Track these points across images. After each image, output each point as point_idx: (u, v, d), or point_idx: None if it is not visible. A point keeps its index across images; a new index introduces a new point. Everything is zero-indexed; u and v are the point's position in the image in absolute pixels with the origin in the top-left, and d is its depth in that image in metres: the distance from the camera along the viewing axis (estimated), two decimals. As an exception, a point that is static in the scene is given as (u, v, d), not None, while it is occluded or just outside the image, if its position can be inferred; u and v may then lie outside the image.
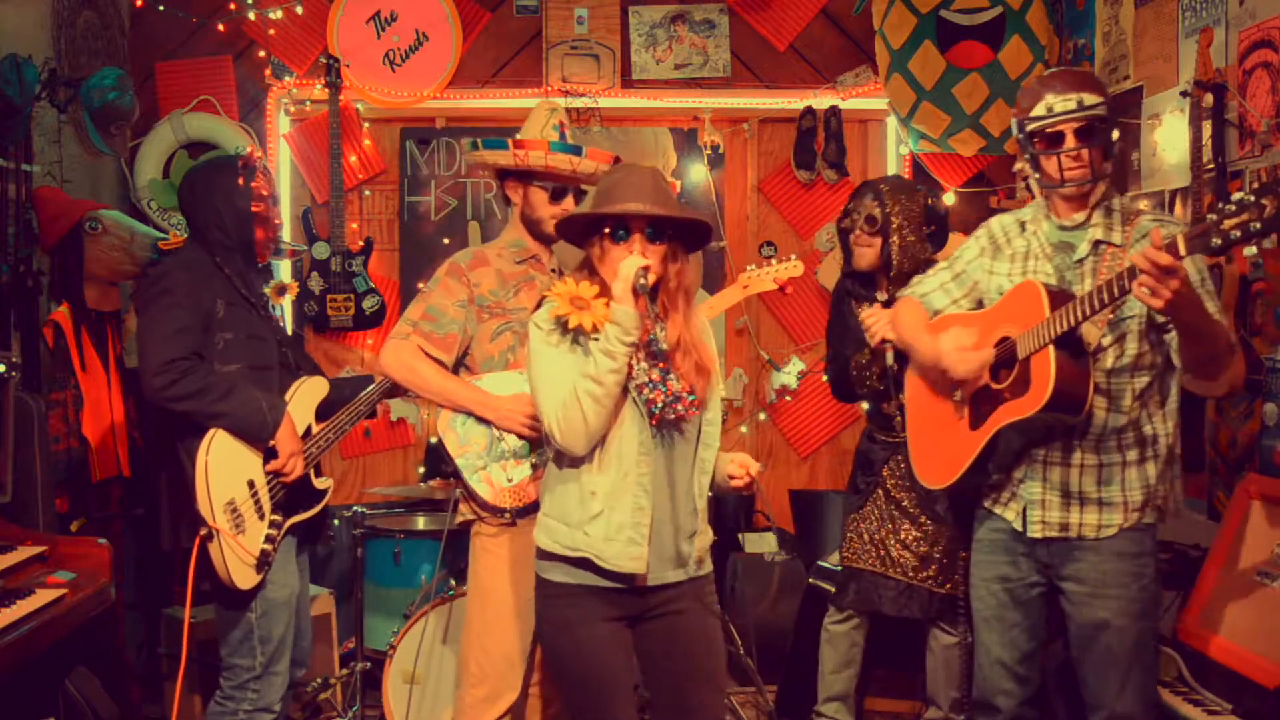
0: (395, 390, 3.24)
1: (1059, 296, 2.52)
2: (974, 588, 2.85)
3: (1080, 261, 2.64)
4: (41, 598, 2.71)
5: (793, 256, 3.62)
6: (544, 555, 2.54)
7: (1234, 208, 2.09)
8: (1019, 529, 2.71)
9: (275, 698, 2.99)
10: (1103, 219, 2.64)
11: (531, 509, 2.98)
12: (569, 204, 3.09)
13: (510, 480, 3.00)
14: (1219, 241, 2.11)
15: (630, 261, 2.43)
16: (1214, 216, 2.12)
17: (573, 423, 2.41)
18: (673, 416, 2.47)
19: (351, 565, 4.01)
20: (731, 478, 2.51)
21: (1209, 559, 3.04)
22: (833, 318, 3.78)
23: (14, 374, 3.13)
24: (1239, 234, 2.08)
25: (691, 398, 2.48)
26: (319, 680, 3.84)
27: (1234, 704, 2.75)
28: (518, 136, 3.13)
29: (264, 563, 2.91)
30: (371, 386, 3.21)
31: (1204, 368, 2.53)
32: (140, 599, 4.11)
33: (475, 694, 3.01)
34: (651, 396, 2.45)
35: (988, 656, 2.81)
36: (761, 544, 4.09)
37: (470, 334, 3.06)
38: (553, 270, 3.16)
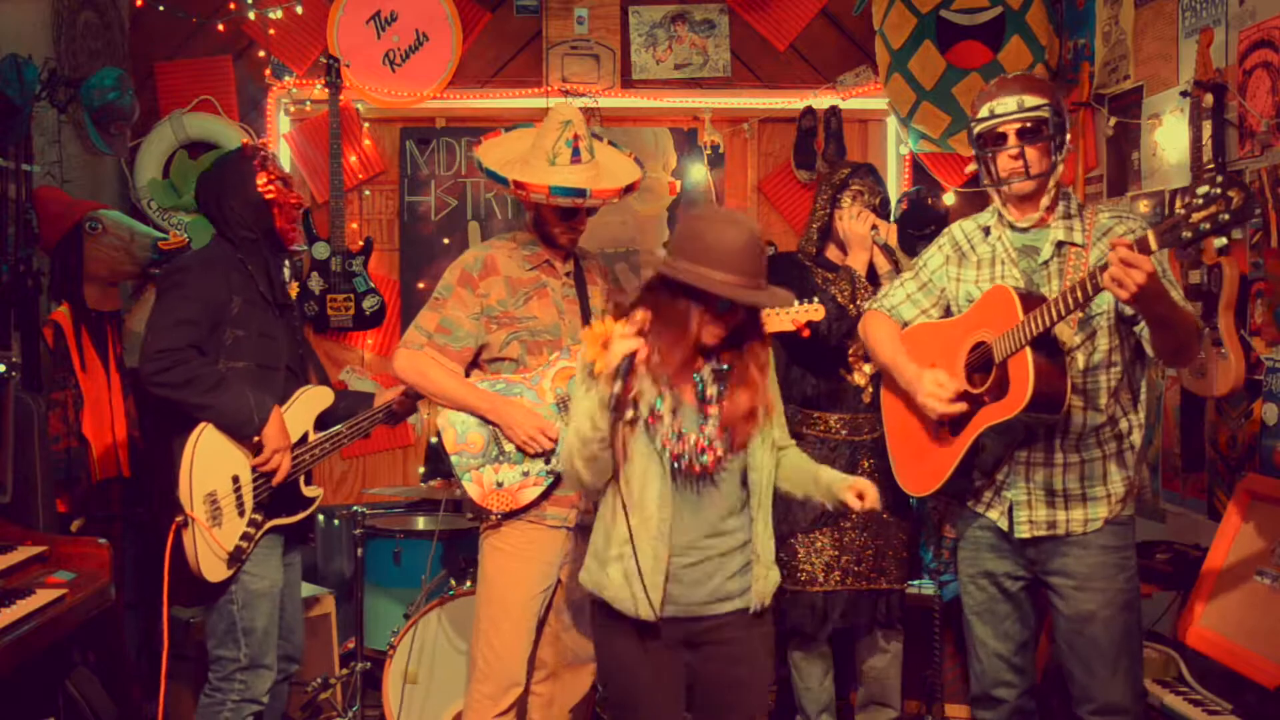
0: (396, 415, 3.28)
1: (1030, 299, 2.56)
2: (963, 585, 2.88)
3: (1046, 264, 2.69)
4: (41, 598, 2.71)
5: (815, 299, 3.36)
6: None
7: (1201, 201, 2.14)
8: (1004, 529, 2.74)
9: (262, 690, 3.05)
10: (1063, 220, 2.70)
11: (518, 514, 3.01)
12: (579, 222, 3.06)
13: (500, 484, 3.00)
14: (1189, 234, 2.16)
15: (620, 346, 2.33)
16: (1183, 210, 2.17)
17: (570, 471, 2.48)
18: (697, 469, 2.44)
19: (352, 565, 4.01)
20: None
21: (1209, 559, 3.04)
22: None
23: (14, 374, 3.14)
24: (1208, 226, 2.14)
25: (723, 447, 2.44)
26: (319, 680, 3.84)
27: (1234, 704, 2.75)
28: (525, 160, 3.02)
29: (236, 559, 2.97)
30: (376, 410, 3.25)
31: (1175, 356, 2.58)
32: (140, 599, 4.11)
33: (481, 690, 3.04)
34: (675, 450, 2.42)
35: (984, 650, 2.83)
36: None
37: (481, 343, 3.07)
38: (568, 273, 3.14)
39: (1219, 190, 2.12)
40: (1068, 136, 2.71)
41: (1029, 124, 2.65)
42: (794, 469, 2.66)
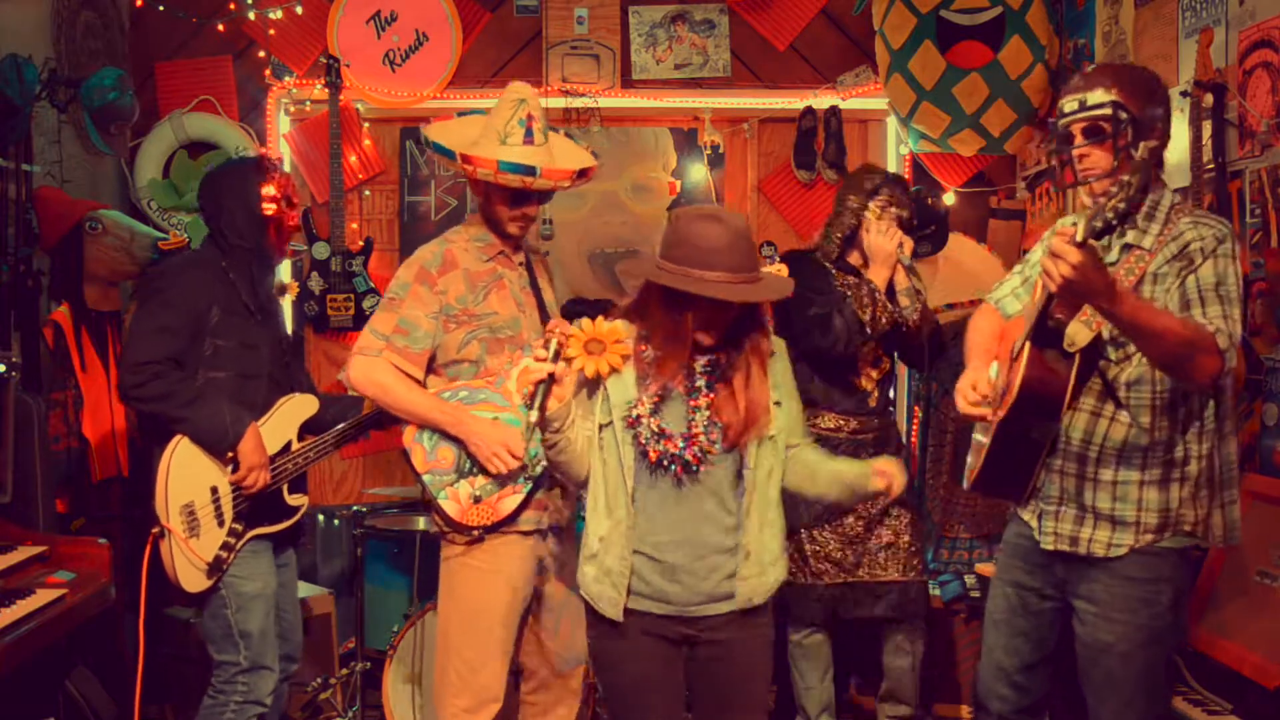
0: (385, 420, 3.20)
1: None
2: (991, 587, 2.83)
3: (1113, 265, 2.54)
4: (41, 598, 2.72)
5: (775, 258, 3.40)
6: None
7: (1116, 188, 2.21)
8: (1036, 538, 2.66)
9: (265, 692, 3.04)
10: (1140, 220, 2.55)
11: (500, 525, 2.89)
12: (530, 209, 2.93)
13: (478, 497, 2.87)
14: (1100, 223, 2.20)
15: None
16: (1103, 199, 2.24)
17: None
18: (679, 468, 2.40)
19: (351, 565, 4.01)
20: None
21: (1209, 559, 3.04)
22: (807, 290, 3.44)
23: (14, 374, 3.14)
24: (1111, 215, 2.20)
25: (711, 443, 2.40)
26: (319, 680, 3.84)
27: (1234, 704, 2.75)
28: (475, 140, 2.88)
29: (216, 568, 2.95)
30: (363, 418, 3.20)
31: (1166, 368, 2.43)
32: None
33: (456, 704, 2.92)
34: (656, 449, 2.38)
35: (990, 658, 2.79)
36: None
37: (438, 343, 2.93)
38: (520, 264, 3.02)
39: (1125, 177, 2.19)
40: (1157, 131, 2.53)
41: (1091, 123, 2.53)
42: (802, 466, 2.59)
